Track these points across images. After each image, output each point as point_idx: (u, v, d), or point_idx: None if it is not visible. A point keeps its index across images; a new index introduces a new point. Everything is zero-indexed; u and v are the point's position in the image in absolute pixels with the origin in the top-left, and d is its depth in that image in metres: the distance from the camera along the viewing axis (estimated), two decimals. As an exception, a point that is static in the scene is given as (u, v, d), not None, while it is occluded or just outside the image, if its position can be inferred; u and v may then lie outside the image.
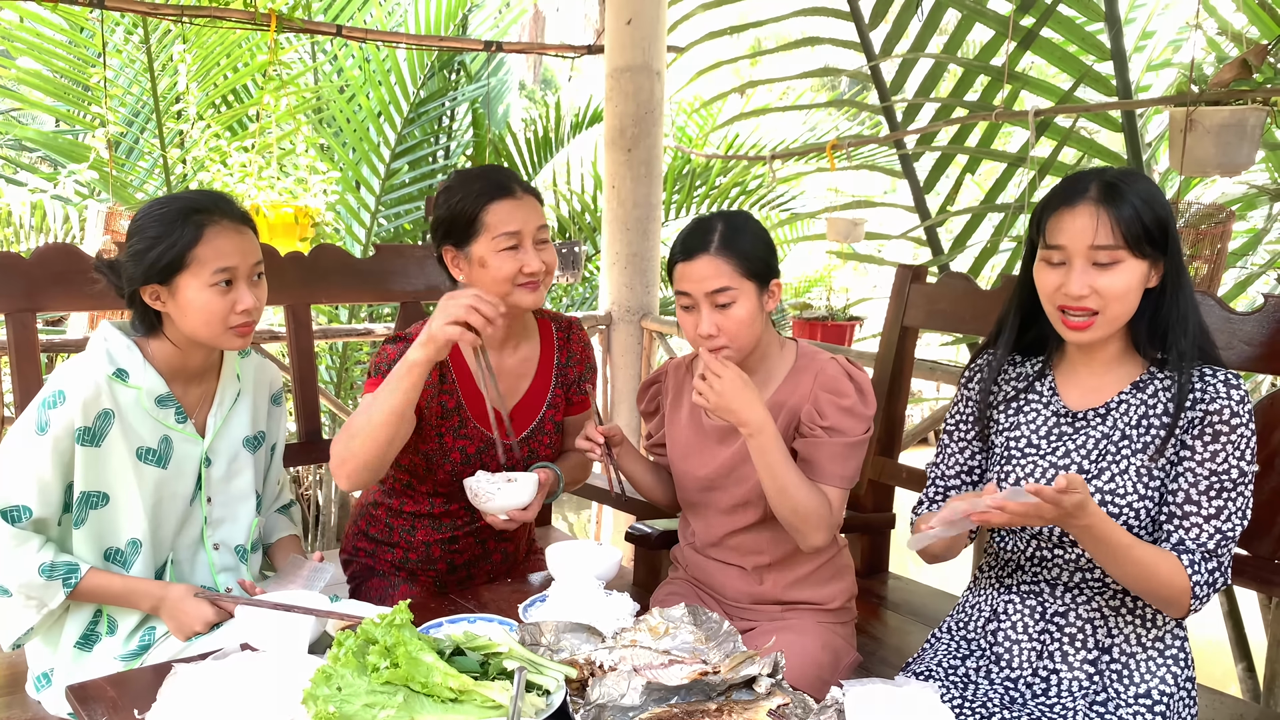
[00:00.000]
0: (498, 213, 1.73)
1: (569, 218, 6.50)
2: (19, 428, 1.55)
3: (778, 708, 1.24)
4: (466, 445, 1.87)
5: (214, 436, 1.69)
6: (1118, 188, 1.38)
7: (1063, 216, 1.40)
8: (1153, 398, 1.44)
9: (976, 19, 3.36)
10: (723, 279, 1.62)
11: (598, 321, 4.11)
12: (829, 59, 3.77)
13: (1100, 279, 1.38)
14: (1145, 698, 1.44)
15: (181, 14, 3.79)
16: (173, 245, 1.54)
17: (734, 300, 1.62)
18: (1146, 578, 1.36)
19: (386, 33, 5.51)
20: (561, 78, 14.71)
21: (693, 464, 1.79)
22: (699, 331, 1.65)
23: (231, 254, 1.57)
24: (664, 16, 3.95)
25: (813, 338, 4.58)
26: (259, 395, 1.79)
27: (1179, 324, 1.41)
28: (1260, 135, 2.53)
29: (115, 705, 1.33)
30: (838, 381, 1.68)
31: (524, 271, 1.74)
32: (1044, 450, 1.49)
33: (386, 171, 5.90)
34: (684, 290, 1.65)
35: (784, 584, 1.77)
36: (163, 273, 1.55)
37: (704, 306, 1.64)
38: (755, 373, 1.73)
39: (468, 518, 1.94)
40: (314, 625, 1.47)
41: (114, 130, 5.19)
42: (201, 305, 1.56)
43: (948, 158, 3.76)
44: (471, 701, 1.22)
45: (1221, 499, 1.38)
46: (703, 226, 1.67)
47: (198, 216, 1.56)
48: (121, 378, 1.58)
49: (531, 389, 1.93)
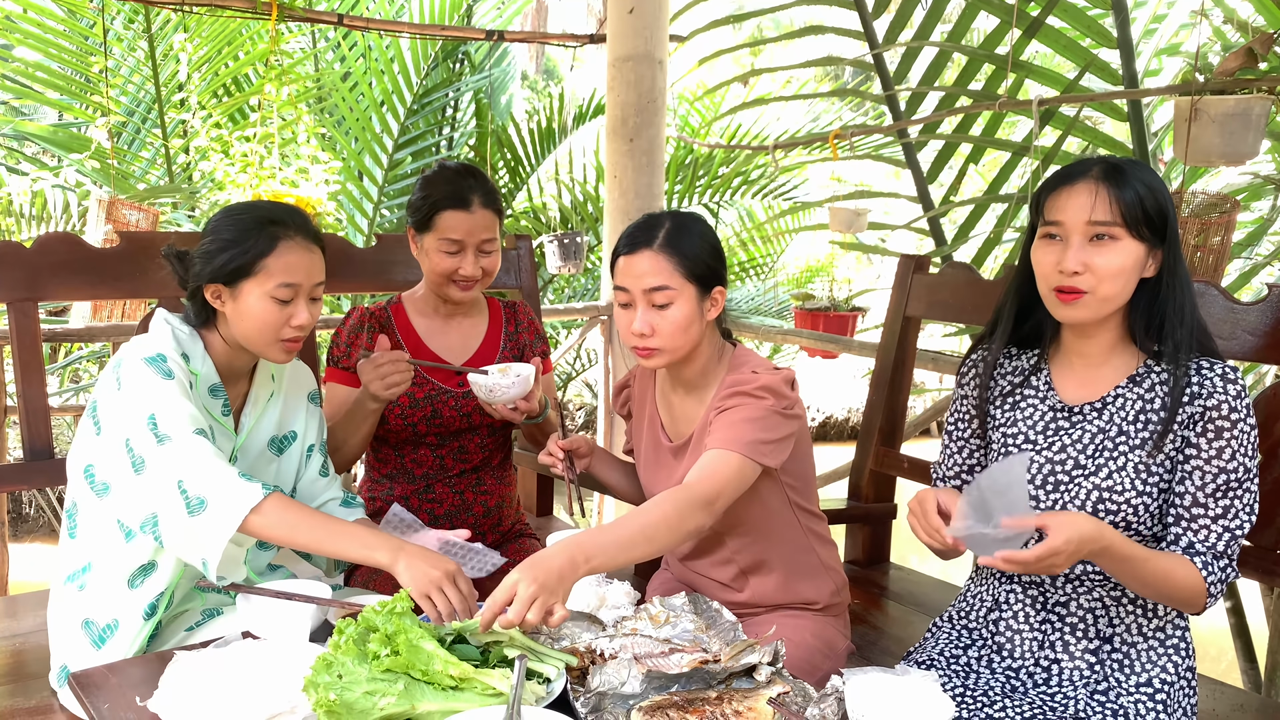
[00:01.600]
0: (449, 219, 1.92)
1: (571, 208, 6.49)
2: (142, 384, 1.51)
3: (778, 695, 1.24)
4: (414, 391, 2.00)
5: (245, 436, 1.71)
6: (1121, 170, 1.38)
7: (1062, 194, 1.40)
8: (1149, 392, 1.44)
9: (981, 7, 3.35)
10: (661, 277, 1.58)
11: (599, 312, 4.10)
12: (832, 48, 3.76)
13: (1096, 256, 1.37)
14: (1147, 686, 1.44)
15: (182, 2, 3.78)
16: (245, 251, 1.58)
17: (671, 301, 1.58)
18: (1166, 585, 1.36)
19: (388, 22, 5.49)
20: (564, 67, 14.67)
21: (650, 477, 1.76)
22: (631, 329, 1.60)
23: (298, 270, 1.60)
24: (666, 5, 3.94)
25: (815, 328, 4.57)
26: (292, 395, 1.80)
27: (1175, 315, 1.40)
28: (1265, 125, 2.52)
29: (117, 692, 1.34)
30: (738, 377, 1.61)
31: (459, 273, 1.94)
32: (1040, 445, 1.49)
33: (389, 161, 5.89)
34: (622, 285, 1.61)
35: (766, 589, 1.73)
36: (230, 275, 1.59)
37: (640, 304, 1.59)
38: (694, 384, 1.69)
39: (433, 464, 2.06)
40: (315, 613, 1.48)
41: (115, 120, 5.18)
42: (259, 314, 1.59)
43: (951, 147, 3.75)
44: (472, 689, 1.23)
45: (1228, 498, 1.38)
46: (650, 222, 1.63)
47: (274, 228, 1.59)
48: (185, 361, 1.61)
49: (481, 349, 2.09)
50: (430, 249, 1.95)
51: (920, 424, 3.72)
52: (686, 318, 1.59)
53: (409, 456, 2.05)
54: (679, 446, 1.71)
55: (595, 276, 6.57)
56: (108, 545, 1.61)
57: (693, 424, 1.70)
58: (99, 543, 1.62)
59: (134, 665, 1.45)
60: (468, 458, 2.08)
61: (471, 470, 2.10)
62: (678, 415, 1.74)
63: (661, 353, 1.61)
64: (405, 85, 5.83)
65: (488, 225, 1.94)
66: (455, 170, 1.97)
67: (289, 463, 1.79)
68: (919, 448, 6.28)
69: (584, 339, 4.47)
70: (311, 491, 1.83)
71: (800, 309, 4.84)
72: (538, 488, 2.61)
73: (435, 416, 2.01)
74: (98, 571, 1.62)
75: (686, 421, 1.72)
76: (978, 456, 1.60)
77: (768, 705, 1.22)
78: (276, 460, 1.77)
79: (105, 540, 1.61)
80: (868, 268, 10.09)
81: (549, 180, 6.72)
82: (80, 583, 1.63)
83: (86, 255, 2.00)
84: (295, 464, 1.80)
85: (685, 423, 1.72)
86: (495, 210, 1.96)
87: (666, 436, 1.75)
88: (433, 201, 1.92)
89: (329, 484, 1.83)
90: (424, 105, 5.94)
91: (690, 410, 1.71)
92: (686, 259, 1.59)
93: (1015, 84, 3.35)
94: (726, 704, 1.22)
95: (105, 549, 1.61)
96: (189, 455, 1.49)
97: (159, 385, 1.52)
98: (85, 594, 1.62)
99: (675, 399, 1.74)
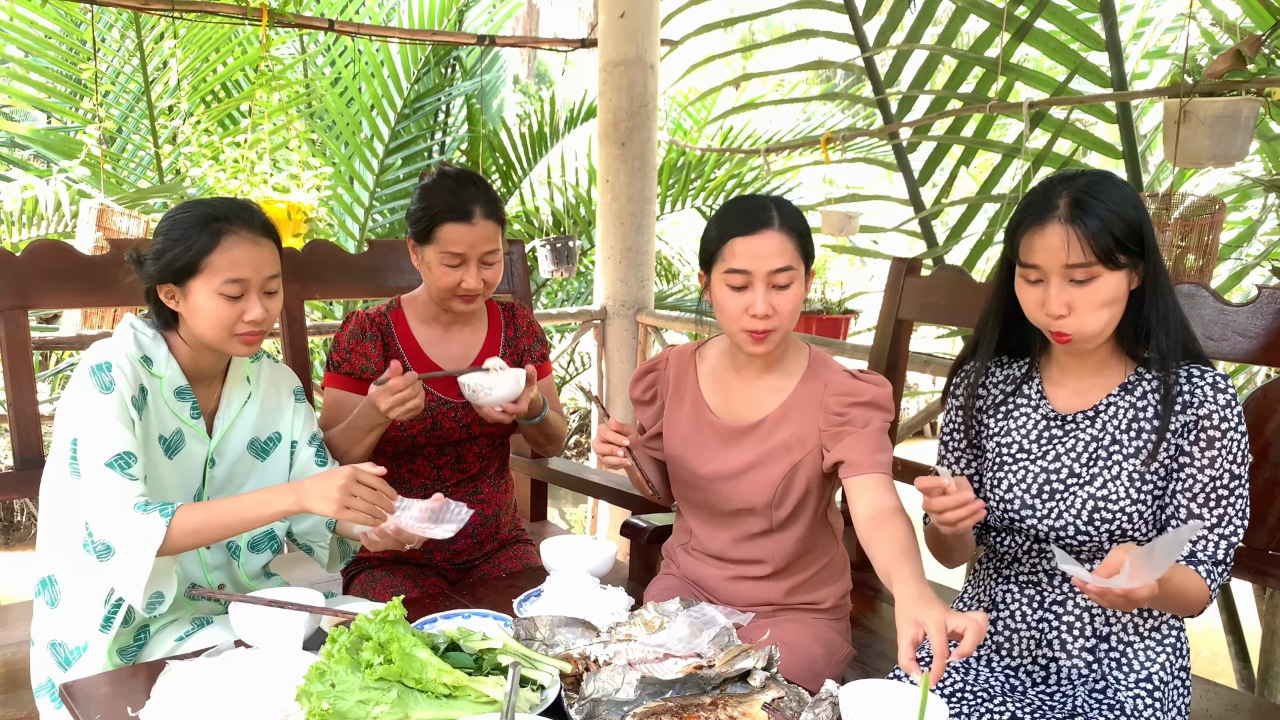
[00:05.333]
0: (450, 232, 1.87)
1: (563, 212, 6.49)
2: (80, 396, 1.53)
3: (772, 701, 1.24)
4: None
5: (220, 439, 1.70)
6: (1084, 202, 1.36)
7: (1034, 236, 1.39)
8: (1141, 400, 1.44)
9: (971, 10, 3.36)
10: (787, 257, 1.55)
11: (592, 316, 4.10)
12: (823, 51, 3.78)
13: (1078, 295, 1.37)
14: (1146, 682, 1.45)
15: (172, 8, 3.77)
16: (188, 249, 1.57)
17: (792, 281, 1.56)
18: (1181, 599, 1.36)
19: (379, 27, 5.49)
20: (555, 71, 14.67)
21: (692, 460, 1.72)
22: (754, 311, 1.55)
23: (244, 265, 1.58)
24: (657, 10, 3.94)
25: (808, 331, 4.57)
26: (272, 396, 1.78)
27: (1160, 324, 1.41)
28: (1254, 126, 2.53)
29: (109, 703, 1.33)
30: (847, 384, 1.64)
31: (462, 286, 1.90)
32: (1034, 454, 1.49)
33: (380, 166, 5.88)
34: (741, 268, 1.55)
35: (782, 590, 1.73)
36: (177, 274, 1.58)
37: (761, 285, 1.54)
38: (769, 367, 1.68)
39: (430, 474, 2.04)
40: (308, 621, 1.47)
41: (106, 126, 5.16)
42: (209, 311, 1.58)
43: (942, 150, 3.76)
44: (466, 697, 1.22)
45: (1222, 507, 1.39)
46: (759, 203, 1.58)
47: (216, 224, 1.58)
48: (147, 364, 1.61)
49: (481, 356, 2.06)
50: (431, 261, 1.90)
51: (913, 426, 3.72)
52: (801, 298, 1.59)
53: (406, 466, 2.04)
54: (740, 429, 1.67)
55: (588, 280, 6.56)
56: (72, 560, 1.59)
57: (760, 409, 1.68)
58: (62, 556, 1.61)
59: (126, 675, 1.44)
60: (465, 467, 2.07)
61: (469, 479, 2.08)
62: (737, 398, 1.70)
63: (776, 334, 1.58)
64: (396, 90, 5.82)
65: (490, 237, 1.90)
66: (455, 179, 1.92)
67: (275, 465, 1.77)
68: (912, 449, 6.29)
69: (577, 343, 4.46)
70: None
71: (793, 311, 4.83)
72: (532, 494, 2.61)
73: (435, 428, 2.00)
74: (65, 587, 1.61)
75: (750, 405, 1.69)
76: (975, 466, 1.60)
77: (762, 711, 1.22)
78: (260, 464, 1.75)
79: (69, 554, 1.59)
80: (860, 270, 10.10)
81: (541, 184, 6.72)
82: (49, 597, 1.63)
83: (77, 263, 1.99)
84: (283, 465, 1.78)
85: (748, 406, 1.69)
86: (498, 220, 1.92)
87: (716, 418, 1.71)
88: (433, 214, 1.88)
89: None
90: (415, 110, 5.93)
91: (757, 395, 1.68)
92: (802, 238, 1.58)
93: (1005, 87, 3.36)
94: (721, 709, 1.22)
95: (70, 563, 1.60)
96: (94, 494, 1.50)
97: (91, 402, 1.52)
98: (56, 612, 1.61)
99: (736, 382, 1.70)
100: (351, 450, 1.88)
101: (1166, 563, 1.20)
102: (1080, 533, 1.44)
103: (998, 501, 1.51)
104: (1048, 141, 3.27)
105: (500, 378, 1.83)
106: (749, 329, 1.57)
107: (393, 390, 1.76)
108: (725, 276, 1.58)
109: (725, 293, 1.58)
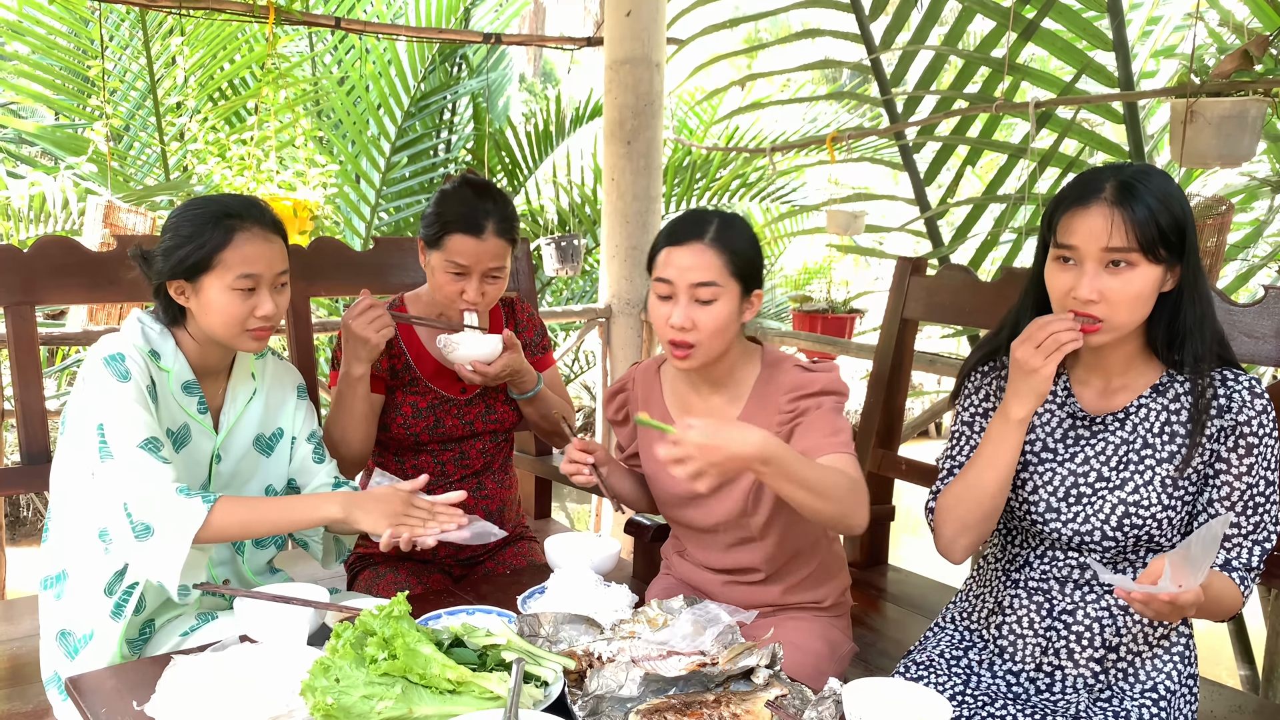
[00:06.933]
0: (458, 243, 1.86)
1: (569, 210, 6.49)
2: (98, 385, 1.53)
3: (775, 699, 1.24)
4: (418, 400, 2.00)
5: (225, 434, 1.71)
6: (1133, 188, 1.32)
7: (1075, 216, 1.35)
8: (1174, 403, 1.40)
9: (977, 10, 3.35)
10: (710, 272, 1.54)
11: (597, 315, 4.10)
12: (829, 51, 3.77)
13: (1112, 282, 1.33)
14: (1151, 692, 1.43)
15: (180, 5, 3.77)
16: (201, 246, 1.57)
17: (716, 298, 1.55)
18: (1217, 608, 1.35)
19: (385, 25, 5.49)
20: (561, 70, 14.67)
21: (664, 479, 1.69)
22: (671, 322, 1.56)
23: (257, 261, 1.59)
24: (664, 9, 3.94)
25: (813, 330, 4.57)
26: (276, 393, 1.79)
27: (1196, 329, 1.37)
28: (1261, 126, 2.52)
29: (114, 697, 1.34)
30: (796, 378, 1.62)
31: (463, 297, 1.90)
32: (1061, 456, 1.45)
33: (387, 164, 5.89)
34: (666, 277, 1.57)
35: (779, 591, 1.73)
36: (189, 271, 1.59)
37: (683, 298, 1.55)
38: (721, 383, 1.67)
39: (434, 470, 2.04)
40: (312, 617, 1.47)
41: (113, 123, 5.18)
42: (222, 307, 1.59)
43: (948, 150, 3.76)
44: (470, 693, 1.22)
45: (1258, 514, 1.38)
46: (697, 216, 1.60)
47: (229, 221, 1.59)
48: (154, 359, 1.62)
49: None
50: (436, 267, 1.90)
51: (918, 426, 3.72)
52: (727, 316, 1.56)
53: (409, 462, 2.04)
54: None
55: (593, 279, 6.56)
56: (84, 552, 1.60)
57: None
58: (74, 549, 1.61)
59: (131, 669, 1.44)
60: (469, 463, 2.08)
61: (472, 475, 2.09)
62: (699, 416, 1.70)
63: (698, 351, 1.57)
64: (403, 88, 5.83)
65: (497, 254, 1.88)
66: (475, 190, 1.90)
67: (278, 460, 1.78)
68: (917, 449, 6.28)
69: (582, 341, 4.46)
70: (304, 479, 1.82)
71: (798, 311, 4.84)
72: (536, 490, 2.61)
73: (438, 426, 2.00)
74: (74, 580, 1.62)
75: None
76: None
77: (765, 708, 1.22)
78: (265, 460, 1.76)
79: (81, 547, 1.60)
80: (865, 270, 10.09)
81: (546, 183, 6.72)
82: (57, 591, 1.63)
83: (83, 259, 2.00)
84: (285, 461, 1.80)
85: None
86: (509, 239, 1.90)
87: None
88: (445, 220, 1.86)
89: (321, 469, 1.82)
90: (421, 108, 5.94)
91: (716, 410, 1.68)
92: (736, 256, 1.56)
93: (1012, 86, 3.36)
94: (724, 707, 1.22)
95: (81, 556, 1.61)
96: (130, 475, 1.50)
97: (111, 390, 1.53)
98: (62, 603, 1.62)
99: (696, 399, 1.70)
100: (349, 432, 1.90)
101: (1207, 560, 1.18)
102: (1107, 538, 1.41)
103: (1020, 503, 1.48)
104: (1054, 142, 3.27)
105: (471, 335, 1.87)
106: (670, 340, 1.59)
107: (359, 310, 1.81)
108: (655, 285, 1.60)
109: (654, 301, 1.61)
